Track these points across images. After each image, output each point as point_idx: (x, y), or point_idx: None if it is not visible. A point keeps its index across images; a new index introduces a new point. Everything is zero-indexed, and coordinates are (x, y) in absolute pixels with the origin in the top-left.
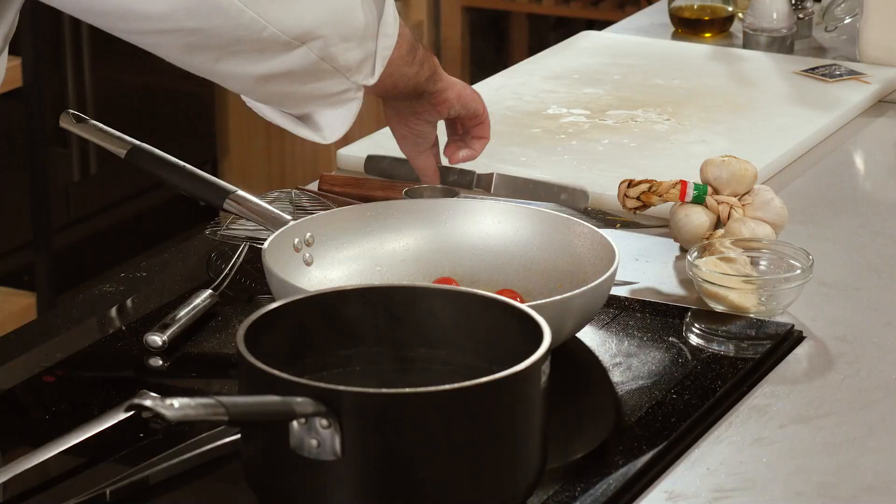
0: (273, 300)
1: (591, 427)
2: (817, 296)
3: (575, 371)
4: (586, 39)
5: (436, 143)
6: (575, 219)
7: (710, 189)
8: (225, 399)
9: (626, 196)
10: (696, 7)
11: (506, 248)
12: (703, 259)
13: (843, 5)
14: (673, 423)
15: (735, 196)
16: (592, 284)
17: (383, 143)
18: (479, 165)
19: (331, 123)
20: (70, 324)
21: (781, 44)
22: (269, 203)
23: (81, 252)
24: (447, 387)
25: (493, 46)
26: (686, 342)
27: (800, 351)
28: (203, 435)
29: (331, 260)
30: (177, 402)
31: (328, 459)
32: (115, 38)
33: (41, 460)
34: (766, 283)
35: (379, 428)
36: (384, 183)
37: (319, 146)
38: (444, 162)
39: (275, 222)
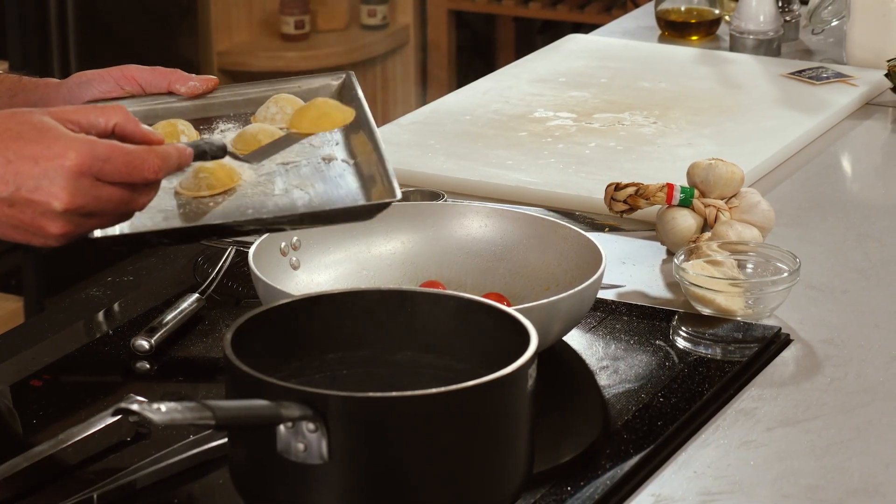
0: (260, 304)
1: (579, 430)
2: (804, 298)
3: (562, 375)
4: (573, 43)
5: None
6: (562, 222)
7: (696, 192)
8: (212, 403)
9: (613, 199)
10: (682, 10)
11: (493, 251)
12: (690, 262)
13: (829, 8)
14: (660, 426)
15: (722, 199)
16: (579, 288)
17: None
18: (463, 169)
19: None
20: (57, 328)
21: (768, 46)
22: None
23: (69, 256)
24: (434, 390)
25: (479, 50)
26: (673, 345)
27: (787, 354)
28: (190, 439)
29: (317, 264)
30: (164, 406)
31: (315, 463)
32: (101, 42)
33: (28, 464)
34: (753, 286)
35: (366, 432)
36: None
37: None
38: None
39: None
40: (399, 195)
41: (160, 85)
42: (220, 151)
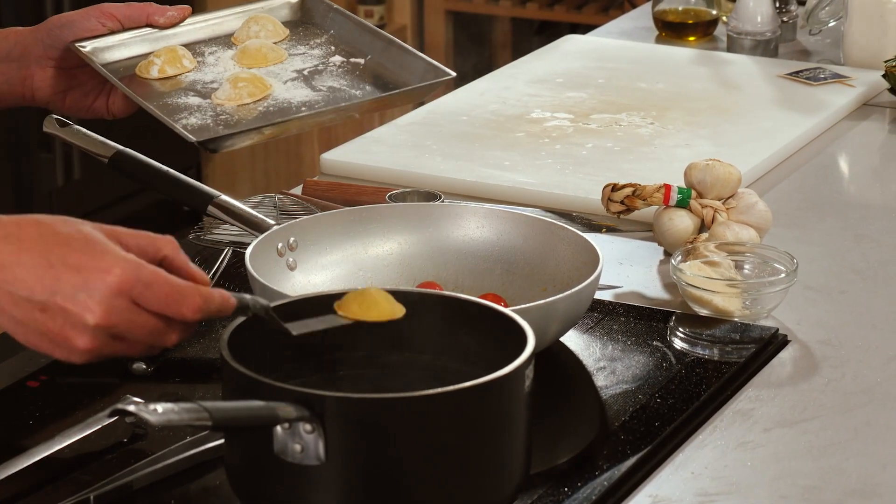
0: None
1: (576, 431)
2: (802, 299)
3: (559, 375)
4: (570, 43)
5: None
6: (559, 223)
7: (694, 193)
8: (209, 404)
9: (610, 200)
10: (680, 10)
11: (490, 252)
12: (688, 263)
13: (827, 8)
14: (657, 427)
15: (719, 199)
16: (576, 288)
17: (367, 147)
18: (460, 170)
19: None
20: None
21: (766, 47)
22: (253, 208)
23: None
24: (431, 391)
25: (476, 50)
26: (670, 346)
27: (784, 355)
28: (187, 440)
29: (314, 265)
30: (160, 407)
31: (312, 464)
32: None
33: (25, 465)
34: (750, 286)
35: (362, 433)
36: (368, 187)
37: (304, 150)
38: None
39: (258, 227)
40: (453, 73)
41: (139, 18)
42: (263, 311)
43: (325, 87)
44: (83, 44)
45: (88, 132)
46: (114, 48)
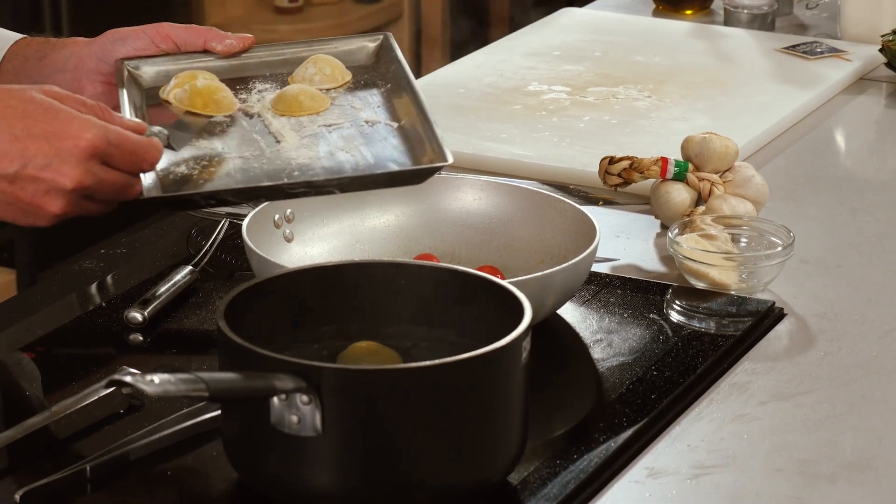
0: (254, 277)
1: (572, 404)
2: (798, 273)
3: (556, 348)
4: (567, 16)
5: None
6: (556, 195)
7: (690, 166)
8: (205, 375)
9: (608, 173)
10: None
11: (487, 224)
12: (684, 236)
13: None
14: (654, 399)
15: (716, 173)
16: (573, 261)
17: None
18: (457, 142)
19: None
20: (50, 300)
21: (762, 21)
22: None
23: (61, 228)
24: (427, 363)
25: (473, 23)
26: (667, 319)
27: (780, 328)
28: (183, 411)
29: (311, 236)
30: (157, 378)
31: (308, 435)
32: (95, 11)
33: (22, 436)
34: (746, 259)
35: (359, 404)
36: None
37: None
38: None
39: None
40: (450, 159)
41: (196, 43)
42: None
43: (336, 150)
44: (132, 62)
45: None
46: (164, 71)
